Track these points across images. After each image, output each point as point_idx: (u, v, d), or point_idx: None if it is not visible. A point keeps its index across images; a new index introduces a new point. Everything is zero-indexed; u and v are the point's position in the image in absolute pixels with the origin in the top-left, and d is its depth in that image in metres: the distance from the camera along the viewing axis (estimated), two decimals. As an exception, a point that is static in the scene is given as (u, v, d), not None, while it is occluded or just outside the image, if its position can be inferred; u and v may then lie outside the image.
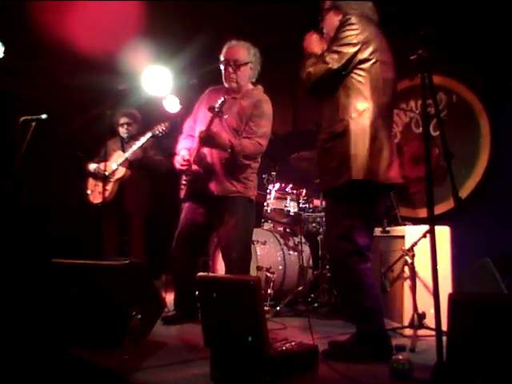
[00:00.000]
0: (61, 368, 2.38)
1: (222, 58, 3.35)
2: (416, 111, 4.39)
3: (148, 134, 4.38)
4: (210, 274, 3.43)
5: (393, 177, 2.43)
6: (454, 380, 1.61)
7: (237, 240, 3.24)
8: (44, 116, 3.94)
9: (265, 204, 4.36)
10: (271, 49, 4.27)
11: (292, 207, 4.26)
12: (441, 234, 3.02)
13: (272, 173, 4.52)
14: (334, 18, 2.52)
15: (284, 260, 4.16)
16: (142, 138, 4.43)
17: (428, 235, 2.02)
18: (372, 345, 2.30)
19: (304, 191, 4.26)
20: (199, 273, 2.27)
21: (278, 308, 3.75)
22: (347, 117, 2.37)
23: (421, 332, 2.77)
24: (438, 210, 3.90)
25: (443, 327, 1.79)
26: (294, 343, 2.07)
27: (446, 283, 2.93)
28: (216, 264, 4.27)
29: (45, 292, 2.89)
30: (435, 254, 1.86)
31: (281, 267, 4.12)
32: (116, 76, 5.43)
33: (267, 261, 4.02)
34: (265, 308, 3.63)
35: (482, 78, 4.09)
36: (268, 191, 4.39)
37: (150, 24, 4.61)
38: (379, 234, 3.49)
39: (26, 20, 4.41)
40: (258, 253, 4.00)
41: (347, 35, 2.37)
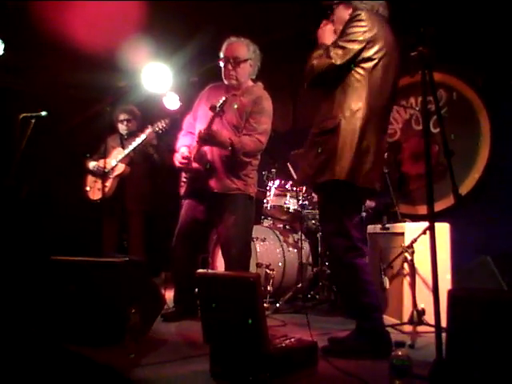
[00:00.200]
0: (61, 365, 2.38)
1: (222, 55, 3.35)
2: (416, 108, 4.39)
3: (148, 131, 4.37)
4: (210, 271, 3.44)
5: (370, 182, 2.42)
6: (453, 376, 1.61)
7: (237, 237, 3.25)
8: (44, 113, 3.95)
9: (264, 201, 4.36)
10: (271, 46, 4.26)
11: (292, 204, 4.27)
12: (440, 231, 3.03)
13: (272, 170, 4.52)
14: (344, 12, 2.49)
15: (284, 257, 4.17)
16: (142, 135, 4.42)
17: (428, 232, 2.02)
18: (371, 341, 2.30)
19: (304, 188, 4.26)
20: (199, 270, 2.27)
21: (278, 305, 3.76)
22: (340, 115, 2.36)
23: (420, 328, 2.77)
24: (438, 207, 3.91)
25: (443, 324, 1.79)
26: (294, 340, 2.07)
27: (446, 280, 2.94)
28: (216, 261, 4.27)
29: (44, 289, 2.89)
30: (435, 251, 1.86)
31: (280, 264, 4.13)
32: (116, 73, 5.42)
33: (267, 258, 4.03)
34: (264, 305, 3.63)
35: (483, 76, 4.09)
36: (268, 188, 4.40)
37: (151, 21, 4.61)
38: (379, 231, 3.49)
39: (26, 17, 4.40)
40: (258, 250, 4.00)
41: (354, 31, 2.34)
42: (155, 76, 4.83)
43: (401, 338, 2.57)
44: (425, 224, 2.84)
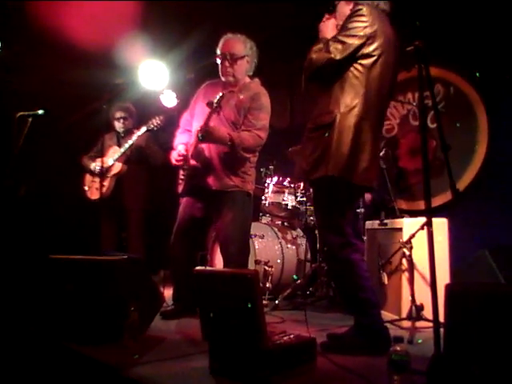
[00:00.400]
0: (60, 363, 2.38)
1: (219, 52, 3.33)
2: (413, 103, 4.38)
3: (143, 129, 4.36)
4: (208, 268, 3.43)
5: (367, 180, 2.42)
6: (452, 371, 1.61)
7: (235, 234, 3.24)
8: (41, 112, 3.93)
9: (263, 198, 4.36)
10: (268, 42, 4.25)
11: (290, 201, 4.27)
12: (438, 226, 3.03)
13: (270, 166, 4.52)
14: (346, 7, 2.47)
15: (282, 253, 4.17)
16: (138, 133, 4.41)
17: (425, 227, 2.02)
18: (370, 337, 2.30)
19: (302, 185, 4.26)
20: (197, 267, 2.27)
21: (277, 301, 3.76)
22: (336, 110, 2.35)
23: (419, 324, 2.77)
24: (436, 202, 3.91)
25: (441, 319, 1.79)
26: (293, 336, 2.07)
27: (444, 275, 2.94)
28: (214, 258, 4.28)
29: (43, 288, 2.88)
30: (432, 246, 1.86)
31: (279, 261, 4.13)
32: (113, 70, 5.40)
33: (265, 254, 4.03)
34: (263, 302, 3.64)
35: (480, 70, 4.08)
36: (266, 185, 4.39)
37: (147, 18, 4.60)
38: (377, 227, 3.50)
39: (23, 15, 4.39)
40: (256, 246, 4.01)
41: (355, 26, 2.32)
42: (152, 73, 4.82)
43: (399, 334, 2.58)
44: (423, 219, 2.84)
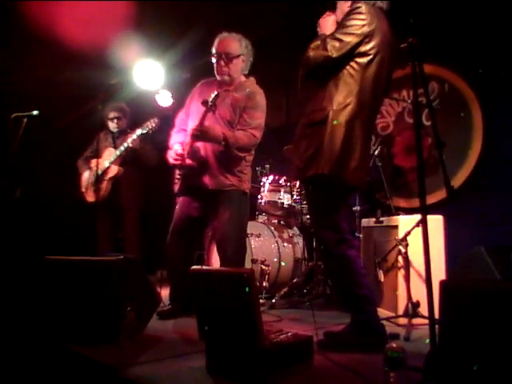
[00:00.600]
0: (57, 363, 2.38)
1: (214, 51, 3.32)
2: (408, 101, 4.38)
3: (138, 131, 4.33)
4: (204, 267, 3.43)
5: (358, 179, 2.42)
6: (448, 367, 1.62)
7: (231, 233, 3.24)
8: (35, 112, 3.92)
9: (259, 197, 4.36)
10: (264, 41, 4.25)
11: (286, 199, 4.27)
12: (434, 223, 3.04)
13: (265, 165, 4.52)
14: (344, 4, 2.47)
15: (279, 252, 4.17)
16: (133, 135, 4.38)
17: (421, 224, 2.03)
18: (366, 334, 2.31)
19: (297, 183, 4.26)
20: (194, 266, 2.27)
21: (274, 300, 3.76)
22: (329, 107, 2.35)
23: (415, 321, 2.78)
24: (431, 200, 3.91)
25: (437, 315, 1.80)
26: (290, 334, 2.08)
27: (440, 272, 2.95)
28: (211, 258, 4.27)
29: (39, 289, 2.88)
30: (428, 244, 1.87)
31: (275, 260, 4.13)
32: (108, 70, 5.39)
33: (262, 253, 4.03)
34: (260, 300, 3.64)
35: (474, 67, 4.09)
36: (262, 184, 4.39)
37: (142, 18, 4.59)
38: (373, 225, 3.50)
39: (16, 15, 4.37)
40: (253, 245, 4.01)
41: (353, 24, 2.32)
42: (147, 73, 4.81)
43: (396, 331, 2.60)
44: (418, 217, 2.84)
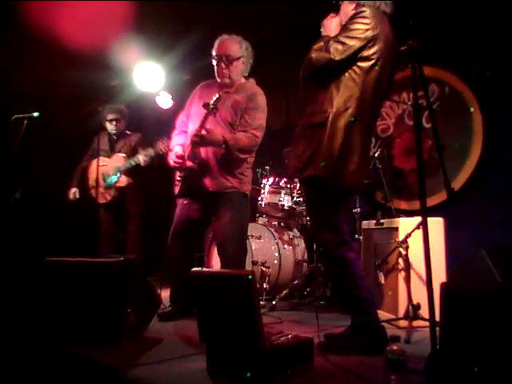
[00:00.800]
0: (58, 365, 2.38)
1: (214, 53, 3.33)
2: (408, 103, 4.39)
3: (150, 152, 4.29)
4: (205, 269, 3.43)
5: (356, 182, 2.42)
6: (448, 370, 1.62)
7: (232, 235, 3.24)
8: (36, 114, 3.93)
9: (259, 198, 4.36)
10: (264, 43, 4.26)
11: (286, 201, 4.27)
12: (434, 226, 3.04)
13: (266, 167, 4.52)
14: (348, 6, 2.46)
15: (279, 254, 4.17)
16: (144, 154, 4.37)
17: (421, 227, 2.03)
18: (367, 336, 2.31)
19: (298, 185, 4.26)
20: (194, 268, 2.27)
21: (274, 302, 3.76)
22: (329, 110, 2.35)
23: (416, 323, 2.78)
24: (432, 202, 3.91)
25: (437, 318, 1.80)
26: (290, 336, 2.07)
27: (440, 274, 2.95)
28: (211, 259, 4.27)
29: (40, 290, 2.88)
30: (428, 246, 1.87)
31: (276, 261, 4.13)
32: (108, 72, 5.40)
33: (262, 255, 4.03)
34: (260, 302, 3.64)
35: (474, 69, 4.10)
36: (262, 186, 4.40)
37: (143, 19, 4.59)
38: (373, 227, 3.50)
39: (16, 16, 4.38)
40: (253, 247, 4.00)
41: (357, 28, 2.31)
42: (148, 75, 4.83)
43: (396, 333, 2.60)
44: (419, 219, 2.84)
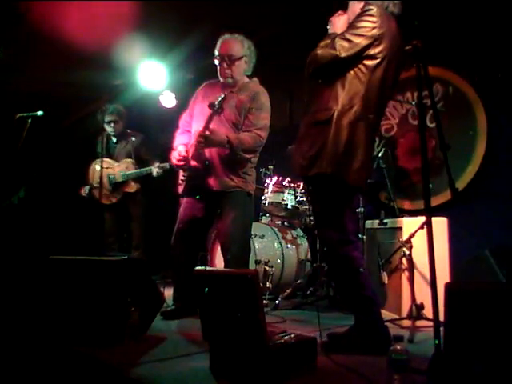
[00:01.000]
0: (60, 363, 2.38)
1: (217, 53, 3.33)
2: (412, 102, 4.38)
3: (167, 165, 4.37)
4: (208, 268, 3.44)
5: (360, 180, 2.41)
6: (452, 370, 1.61)
7: (236, 234, 3.24)
8: (40, 113, 3.94)
9: (262, 198, 4.36)
10: (267, 42, 4.26)
11: (290, 200, 4.27)
12: (438, 225, 3.03)
13: (269, 166, 4.52)
14: (357, 5, 2.45)
15: (282, 253, 4.17)
16: (158, 168, 4.45)
17: (425, 226, 2.02)
18: (370, 336, 2.30)
19: (301, 184, 4.25)
20: (197, 267, 2.27)
21: (277, 301, 3.76)
22: (334, 107, 2.34)
23: (419, 323, 2.77)
24: (436, 202, 3.91)
25: (441, 318, 1.79)
26: (293, 335, 2.07)
27: (444, 274, 2.94)
28: (214, 258, 4.28)
29: (44, 288, 2.88)
30: (432, 246, 1.86)
31: (279, 261, 4.13)
32: (112, 71, 5.41)
33: (265, 254, 4.03)
34: (264, 301, 3.64)
35: (478, 69, 4.09)
36: (265, 185, 4.39)
37: (146, 19, 4.60)
38: (377, 226, 3.50)
39: (21, 16, 4.39)
40: (257, 246, 4.00)
41: (363, 26, 2.31)
42: (151, 74, 4.83)
43: (400, 333, 2.58)
44: (422, 218, 2.84)
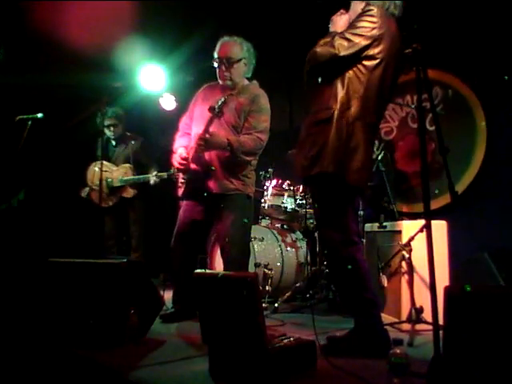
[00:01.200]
0: (60, 366, 2.38)
1: (216, 56, 3.33)
2: (412, 106, 4.39)
3: (164, 175, 4.33)
4: (207, 271, 3.43)
5: (361, 180, 2.40)
6: (452, 373, 1.61)
7: (235, 237, 3.24)
8: (40, 115, 3.94)
9: (262, 201, 4.36)
10: (267, 45, 4.26)
11: (289, 204, 4.27)
12: (438, 229, 3.03)
13: (269, 169, 4.52)
14: (359, 5, 2.46)
15: (282, 256, 4.16)
16: (155, 177, 4.42)
17: (424, 230, 2.02)
18: (370, 339, 2.30)
19: (301, 187, 4.26)
20: (197, 270, 2.27)
21: (277, 304, 3.75)
22: (334, 106, 2.34)
23: (419, 326, 2.77)
24: (435, 205, 3.91)
25: (441, 321, 1.79)
26: (293, 339, 2.07)
27: (443, 277, 2.94)
28: (214, 261, 4.28)
29: (43, 291, 2.88)
30: (432, 249, 1.86)
31: (279, 264, 4.13)
32: (112, 73, 5.42)
33: (265, 257, 4.03)
34: (263, 305, 3.63)
35: (478, 72, 4.09)
36: (265, 188, 4.39)
37: (147, 21, 4.61)
38: (376, 230, 3.50)
39: (22, 17, 4.40)
40: (256, 249, 4.00)
41: (363, 26, 2.32)
42: (151, 76, 4.84)
43: (399, 337, 2.59)
44: (422, 222, 2.84)
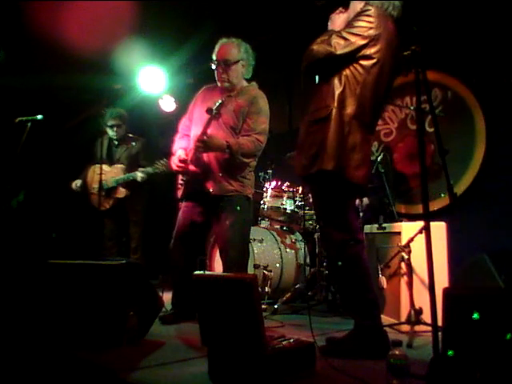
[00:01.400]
0: (59, 368, 2.38)
1: (214, 58, 3.33)
2: (411, 107, 4.39)
3: (149, 169, 4.33)
4: (207, 273, 3.43)
5: (360, 178, 2.39)
6: (451, 375, 1.61)
7: (234, 238, 3.24)
8: (39, 117, 3.94)
9: (261, 202, 4.36)
10: (266, 46, 4.27)
11: (288, 205, 4.27)
12: (437, 230, 3.03)
13: (268, 171, 4.53)
14: (358, 5, 2.46)
15: (281, 258, 4.17)
16: (143, 173, 4.42)
17: (424, 231, 2.02)
18: (369, 340, 2.30)
19: (300, 189, 4.26)
20: (196, 272, 2.27)
21: (276, 306, 3.75)
22: (332, 104, 2.34)
23: (418, 328, 2.77)
24: (434, 206, 3.92)
25: (440, 323, 1.79)
26: (292, 340, 2.07)
27: (442, 279, 2.94)
28: (213, 263, 4.28)
29: (42, 293, 2.88)
30: (430, 250, 1.87)
31: (278, 265, 4.13)
32: (112, 75, 5.42)
33: (264, 259, 4.03)
34: (262, 306, 3.63)
35: (477, 74, 4.10)
36: (264, 189, 4.40)
37: (146, 23, 4.61)
38: (375, 231, 3.49)
39: (21, 18, 4.40)
40: (255, 251, 4.01)
41: (360, 25, 2.32)
42: (151, 78, 4.84)
43: (398, 338, 2.58)
44: (421, 223, 2.83)
